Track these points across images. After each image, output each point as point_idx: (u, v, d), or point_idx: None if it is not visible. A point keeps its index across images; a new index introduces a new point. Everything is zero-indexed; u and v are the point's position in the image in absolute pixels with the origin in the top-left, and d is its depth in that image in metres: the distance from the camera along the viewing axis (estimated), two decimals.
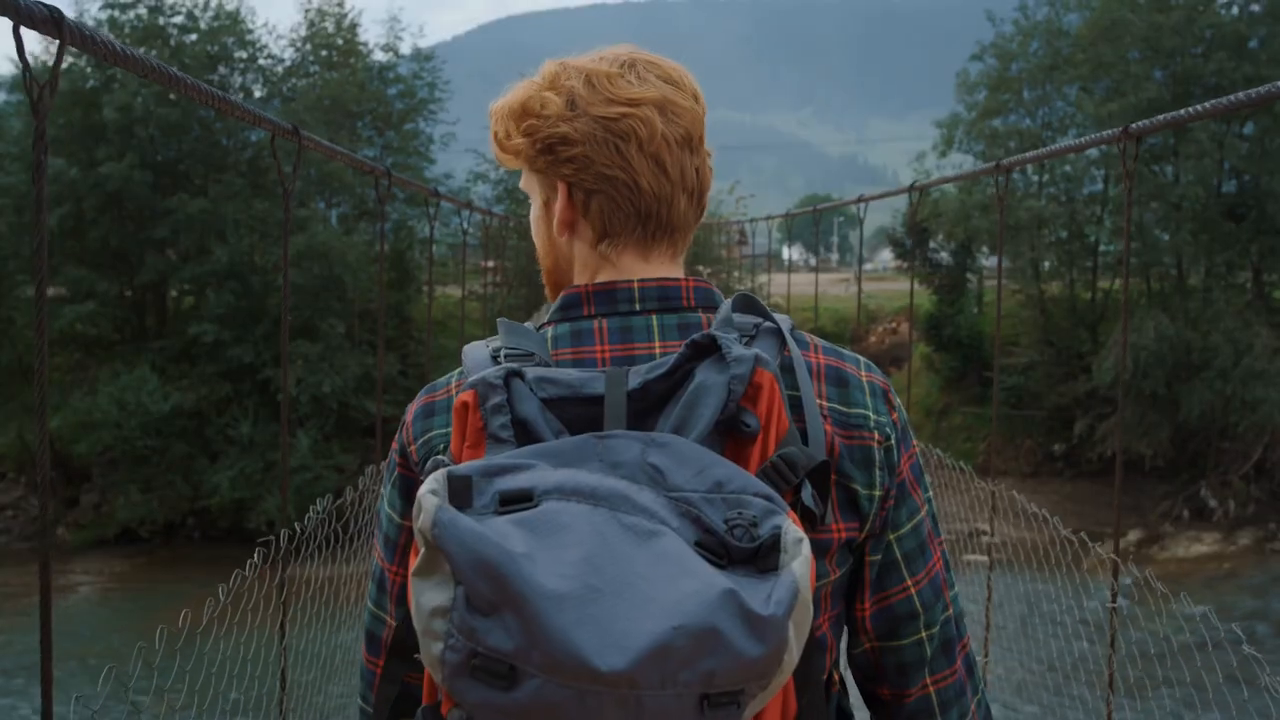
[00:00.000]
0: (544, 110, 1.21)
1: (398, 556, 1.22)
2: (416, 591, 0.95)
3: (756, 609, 0.92)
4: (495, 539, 0.92)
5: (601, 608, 0.90)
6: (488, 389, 1.06)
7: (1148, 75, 24.55)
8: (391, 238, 26.91)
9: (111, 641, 17.27)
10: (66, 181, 22.59)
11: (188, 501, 22.10)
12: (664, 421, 1.07)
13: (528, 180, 1.29)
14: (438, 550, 0.93)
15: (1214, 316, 22.72)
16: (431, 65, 28.71)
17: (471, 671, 0.91)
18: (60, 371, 24.25)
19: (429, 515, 0.93)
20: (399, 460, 1.24)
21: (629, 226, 1.23)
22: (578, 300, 1.23)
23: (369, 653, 1.26)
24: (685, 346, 1.10)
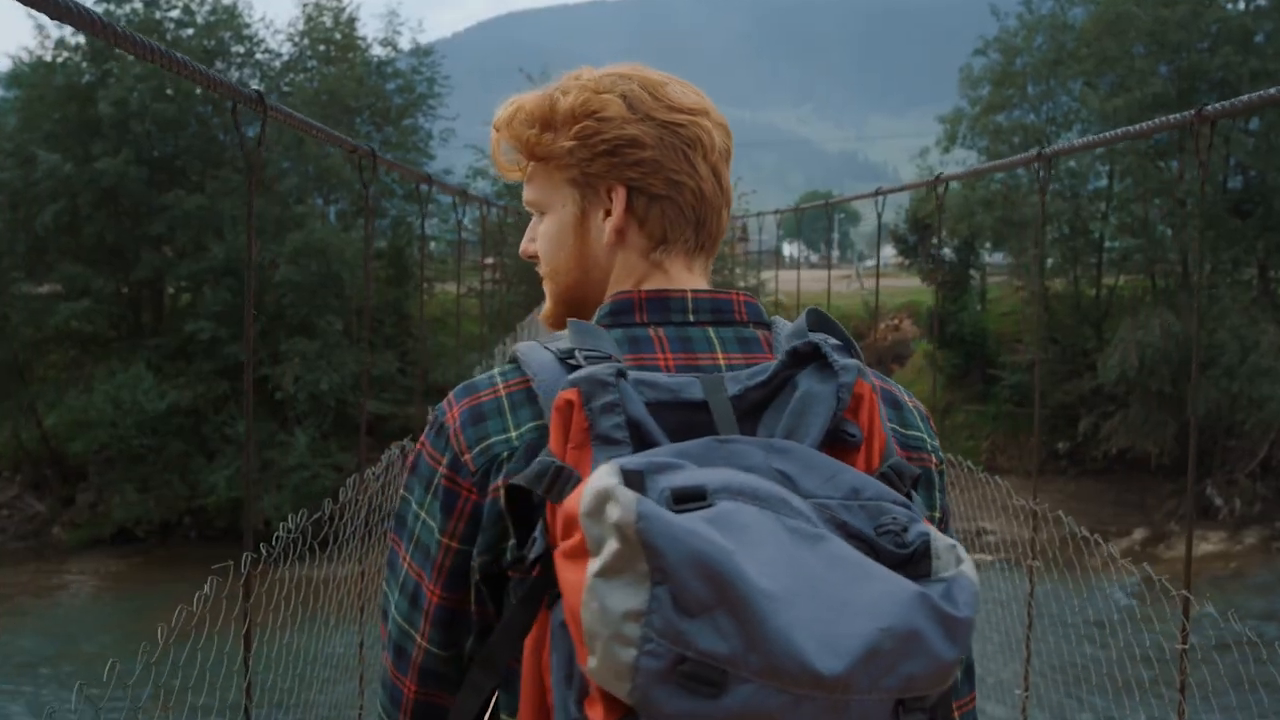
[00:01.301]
0: (605, 112, 1.19)
1: (438, 577, 1.14)
2: (599, 594, 0.87)
3: (951, 611, 0.90)
4: (708, 534, 0.87)
5: (808, 609, 0.87)
6: (596, 387, 1.01)
7: (1153, 70, 24.39)
8: (389, 234, 26.77)
9: (104, 642, 17.13)
10: (61, 177, 22.42)
11: (184, 501, 21.96)
12: (764, 429, 1.05)
13: (551, 189, 1.26)
14: (639, 547, 0.86)
15: (1220, 314, 22.55)
16: (430, 60, 28.57)
17: (678, 679, 0.85)
18: (56, 369, 24.13)
19: (628, 510, 0.87)
20: (445, 472, 1.14)
21: (684, 234, 1.23)
22: (630, 306, 1.20)
23: (397, 669, 1.19)
24: (786, 355, 1.08)
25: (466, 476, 1.12)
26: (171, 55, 1.98)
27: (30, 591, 19.56)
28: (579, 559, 0.90)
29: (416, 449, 1.18)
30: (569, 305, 1.29)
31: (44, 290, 23.87)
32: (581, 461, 1.00)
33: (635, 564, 0.86)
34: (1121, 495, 22.39)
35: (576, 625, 0.90)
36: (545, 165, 1.25)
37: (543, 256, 1.31)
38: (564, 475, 0.98)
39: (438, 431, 1.16)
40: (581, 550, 0.90)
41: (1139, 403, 22.55)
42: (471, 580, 1.12)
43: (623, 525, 0.87)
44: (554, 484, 0.98)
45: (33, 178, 22.65)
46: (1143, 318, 22.68)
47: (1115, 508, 21.90)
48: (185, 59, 2.11)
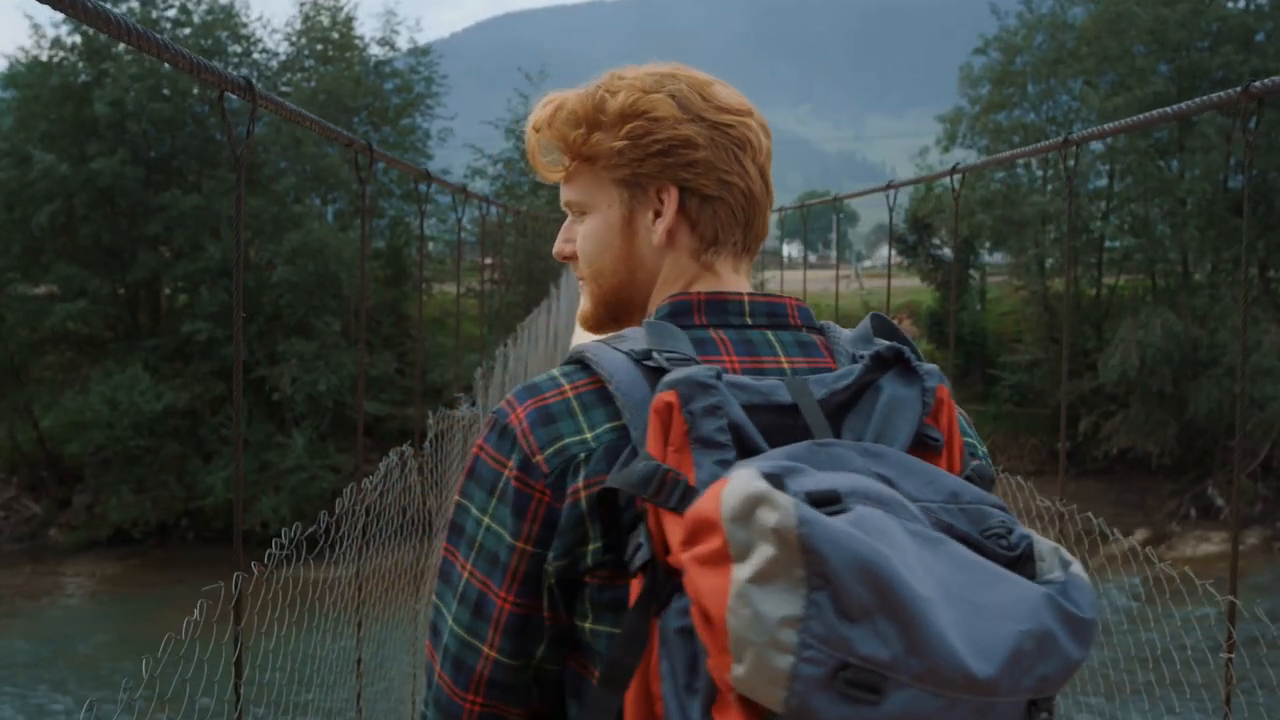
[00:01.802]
0: (656, 112, 1.18)
1: (511, 584, 1.10)
2: (752, 601, 0.86)
3: (1076, 612, 0.91)
4: (865, 539, 0.86)
5: (952, 612, 0.87)
6: (696, 390, 1.00)
7: (1153, 69, 24.33)
8: (387, 234, 26.69)
9: (99, 644, 17.04)
10: (57, 177, 22.33)
11: (181, 502, 21.87)
12: (848, 433, 1.05)
13: (596, 190, 1.24)
14: (799, 552, 0.85)
15: (1221, 313, 22.48)
16: (428, 60, 28.50)
17: (839, 685, 0.85)
18: (52, 370, 24.03)
19: (788, 514, 0.85)
20: (515, 474, 1.10)
21: (734, 235, 1.22)
22: (689, 308, 1.18)
23: (457, 684, 1.13)
24: (869, 359, 1.08)
25: (539, 478, 1.09)
26: (149, 35, 1.88)
27: (26, 594, 19.46)
28: (719, 565, 0.88)
29: (473, 454, 1.14)
30: (612, 307, 1.27)
31: (40, 291, 23.78)
32: (682, 465, 0.98)
33: (791, 569, 0.85)
34: (1122, 495, 22.32)
35: (714, 632, 0.88)
36: (591, 165, 1.23)
37: (584, 258, 1.27)
38: (672, 479, 0.96)
39: (500, 433, 1.12)
40: (723, 556, 0.88)
41: (1139, 402, 22.48)
42: (544, 585, 1.08)
43: (782, 530, 0.85)
44: (663, 488, 0.97)
45: (28, 178, 22.56)
46: (1143, 317, 22.61)
47: (1116, 508, 21.83)
48: (165, 40, 2.01)
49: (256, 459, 21.65)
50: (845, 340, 1.18)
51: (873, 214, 63.29)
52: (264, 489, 21.26)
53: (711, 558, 0.88)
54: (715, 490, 0.89)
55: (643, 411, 1.05)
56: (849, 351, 1.16)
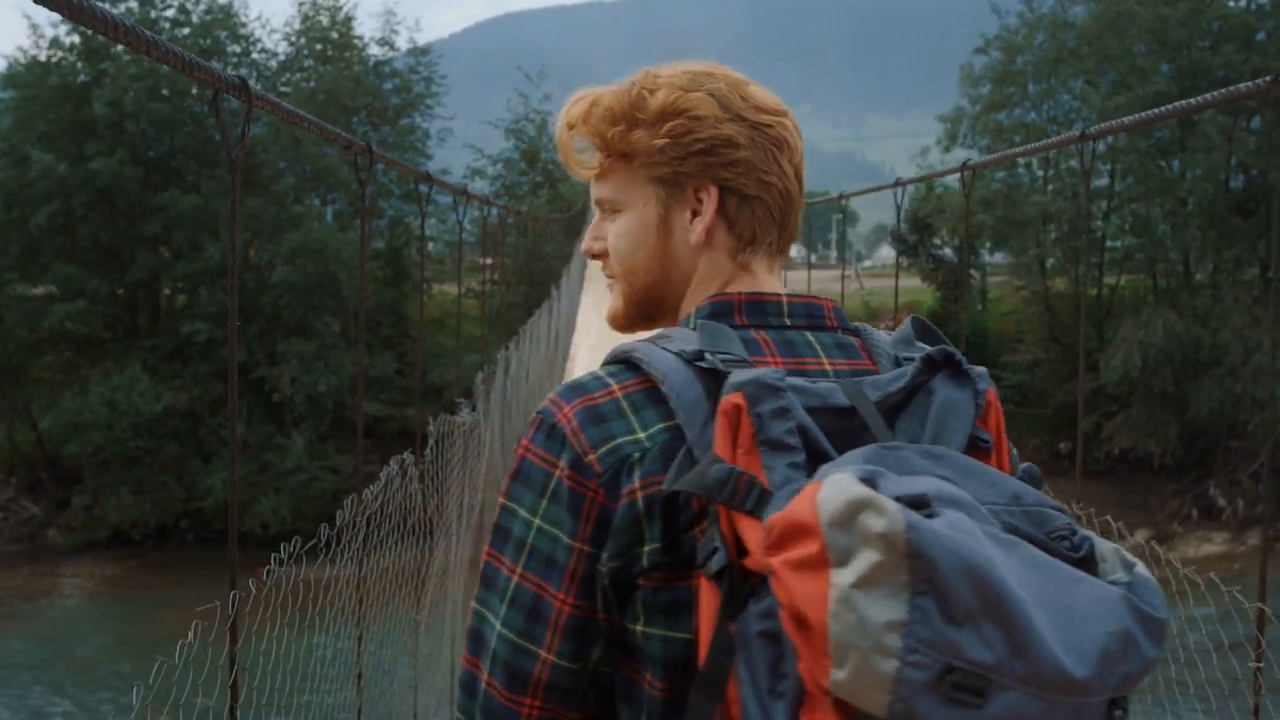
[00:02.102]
0: (697, 111, 1.18)
1: (570, 585, 1.08)
2: (857, 606, 0.86)
3: (1151, 612, 0.92)
4: (970, 543, 0.87)
5: (1046, 614, 0.88)
6: (764, 392, 0.99)
7: (1154, 68, 24.28)
8: (386, 234, 26.63)
9: (97, 646, 16.98)
10: (56, 177, 22.28)
11: (180, 503, 21.81)
12: (901, 435, 1.05)
13: (631, 188, 1.23)
14: (905, 557, 0.85)
15: (1223, 313, 22.42)
16: (428, 60, 28.45)
17: (945, 689, 0.85)
18: (51, 371, 23.98)
19: (895, 520, 0.85)
20: (567, 473, 1.08)
21: (770, 235, 1.22)
22: (730, 309, 1.18)
23: (510, 689, 1.10)
24: (921, 361, 1.09)
25: (592, 478, 1.07)
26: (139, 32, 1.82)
27: (24, 595, 19.40)
28: (816, 569, 0.88)
29: (517, 455, 1.12)
30: (644, 306, 1.26)
31: (39, 291, 23.73)
32: (751, 467, 0.97)
33: (896, 574, 0.85)
34: (1124, 496, 22.25)
35: (812, 636, 0.88)
36: (627, 163, 1.21)
37: (616, 256, 1.26)
38: (748, 482, 0.96)
39: (548, 433, 1.10)
40: (820, 560, 0.87)
41: (1141, 403, 22.42)
42: (598, 587, 1.07)
43: (890, 535, 0.85)
44: (738, 491, 0.96)
45: (27, 178, 22.51)
46: (1145, 317, 22.55)
47: (1117, 508, 21.70)
48: (158, 38, 1.95)
49: (256, 460, 21.59)
50: (884, 343, 1.19)
51: (873, 214, 63.21)
52: (264, 490, 21.22)
53: (807, 562, 0.88)
54: (809, 494, 0.89)
55: (697, 413, 1.05)
56: (890, 354, 1.16)
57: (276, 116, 2.74)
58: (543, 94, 29.52)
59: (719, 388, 1.04)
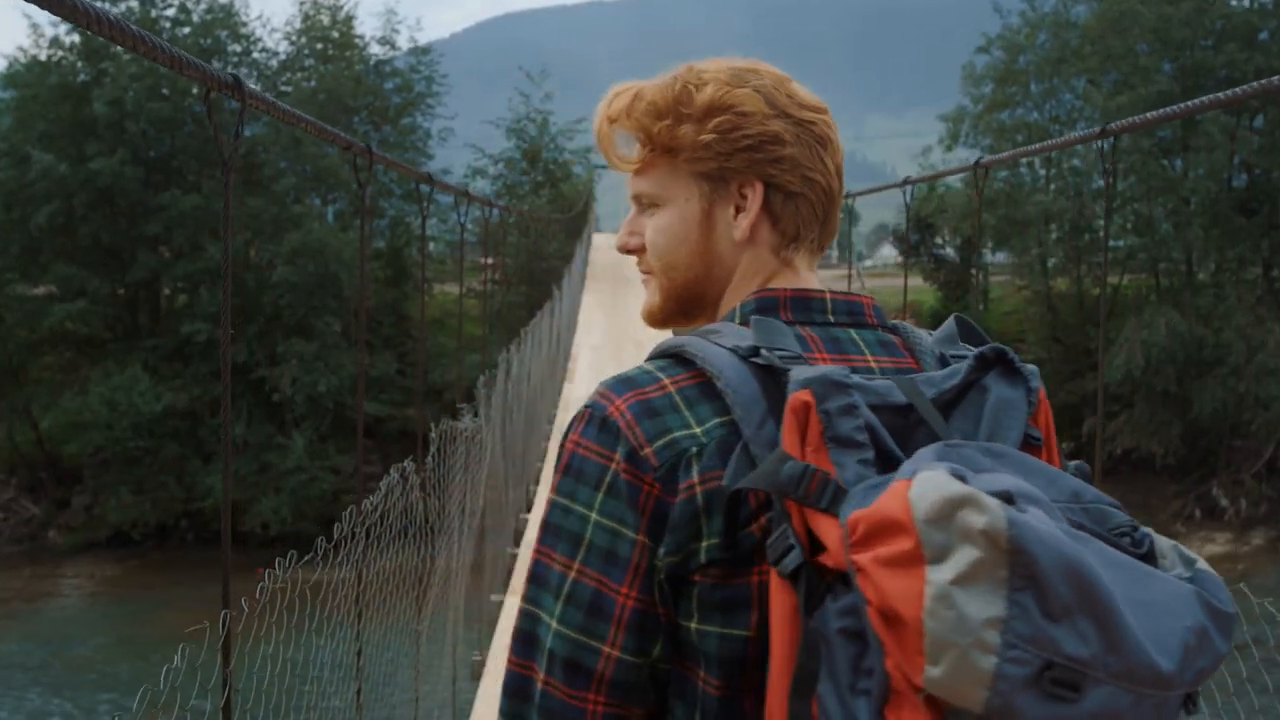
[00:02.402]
0: (744, 107, 1.18)
1: (634, 579, 1.06)
2: (956, 602, 0.86)
3: (1221, 607, 0.94)
4: (1067, 539, 0.88)
5: (1130, 609, 0.89)
6: (831, 389, 0.99)
7: (1157, 68, 24.21)
8: (387, 234, 26.57)
9: (96, 646, 16.94)
10: (56, 177, 22.22)
11: (180, 503, 21.76)
12: (955, 433, 1.05)
13: (673, 182, 1.22)
14: (1006, 554, 0.85)
15: (1226, 313, 22.35)
16: (428, 59, 28.40)
17: (1044, 684, 0.86)
18: (51, 371, 23.93)
19: (997, 517, 0.86)
20: (623, 466, 1.07)
21: (812, 232, 1.22)
22: (775, 304, 1.18)
23: (573, 686, 1.07)
24: (974, 359, 1.10)
25: (648, 471, 1.06)
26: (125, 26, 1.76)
27: (24, 596, 19.35)
28: (909, 566, 0.88)
29: (567, 450, 1.10)
30: (683, 302, 1.25)
31: (39, 291, 23.68)
32: (820, 464, 0.97)
33: (995, 570, 0.86)
34: (1126, 496, 22.10)
35: (906, 633, 0.87)
36: (670, 158, 1.21)
37: (656, 251, 1.25)
38: (823, 479, 0.96)
39: (601, 426, 1.09)
40: (914, 558, 0.87)
41: (1143, 402, 22.36)
42: (655, 581, 1.06)
43: (992, 532, 0.86)
44: (813, 489, 0.96)
45: (27, 178, 22.45)
46: (1147, 317, 22.48)
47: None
48: (149, 35, 1.89)
49: (256, 460, 21.55)
50: (926, 341, 1.19)
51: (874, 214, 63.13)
52: (264, 490, 21.17)
53: (900, 559, 0.88)
54: (899, 491, 0.89)
55: (753, 409, 1.04)
56: (935, 352, 1.16)
57: (272, 116, 2.68)
58: (544, 93, 29.49)
59: (775, 384, 1.04)
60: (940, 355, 1.16)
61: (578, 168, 30.72)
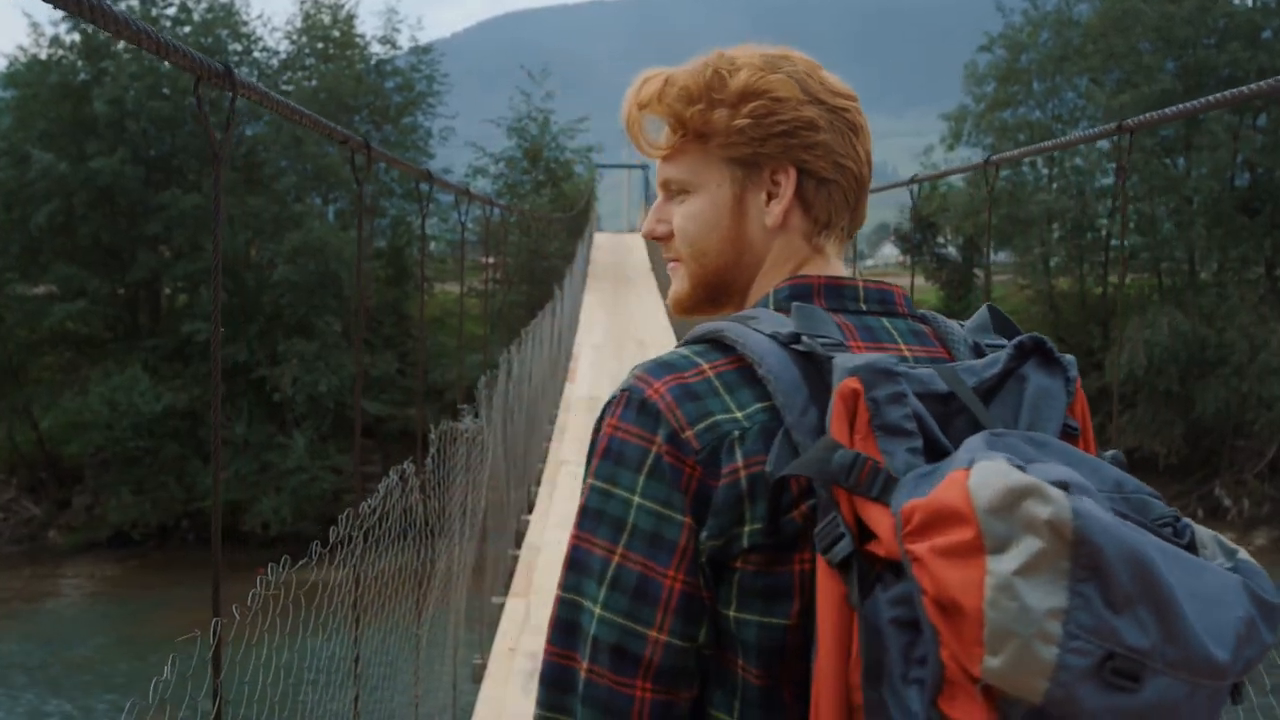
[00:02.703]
0: (779, 92, 1.18)
1: (681, 561, 1.05)
2: (1019, 593, 0.85)
3: (1268, 597, 0.94)
4: (1128, 529, 0.88)
5: (1185, 599, 0.89)
6: (880, 377, 0.99)
7: (1159, 66, 24.16)
8: (388, 234, 26.52)
9: (96, 646, 16.90)
10: (56, 176, 22.16)
11: (181, 504, 21.70)
12: (995, 422, 1.04)
13: (705, 168, 1.21)
14: (1070, 544, 0.86)
15: (1229, 312, 22.30)
16: (429, 58, 28.36)
17: (1105, 675, 0.86)
18: (51, 371, 23.87)
19: (1062, 507, 0.86)
20: (665, 448, 1.06)
21: (843, 219, 1.22)
22: (810, 292, 1.17)
23: (619, 672, 1.06)
24: (1013, 348, 1.09)
25: (690, 454, 1.05)
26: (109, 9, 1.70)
27: (24, 596, 19.30)
28: (968, 556, 0.87)
29: (605, 433, 1.08)
30: (713, 290, 1.25)
31: (39, 291, 23.62)
32: (868, 452, 0.97)
33: (1058, 561, 0.86)
34: None
35: (965, 624, 0.86)
36: (703, 144, 1.20)
37: (686, 238, 1.24)
38: (873, 467, 0.95)
39: (640, 409, 1.07)
40: (974, 548, 0.87)
41: (1146, 402, 22.31)
42: (699, 564, 1.05)
43: (1057, 523, 0.85)
44: (863, 477, 0.95)
45: (27, 177, 22.40)
46: (1150, 316, 22.43)
47: None
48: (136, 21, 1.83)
49: (257, 460, 21.50)
50: (957, 330, 1.18)
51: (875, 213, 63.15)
52: (264, 490, 21.12)
53: (959, 549, 0.87)
54: (957, 480, 0.88)
55: (795, 396, 1.03)
56: (969, 341, 1.15)
57: (266, 108, 2.61)
58: (545, 92, 29.45)
59: (816, 372, 1.04)
60: (975, 344, 1.15)
61: (579, 167, 30.69)
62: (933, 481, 0.91)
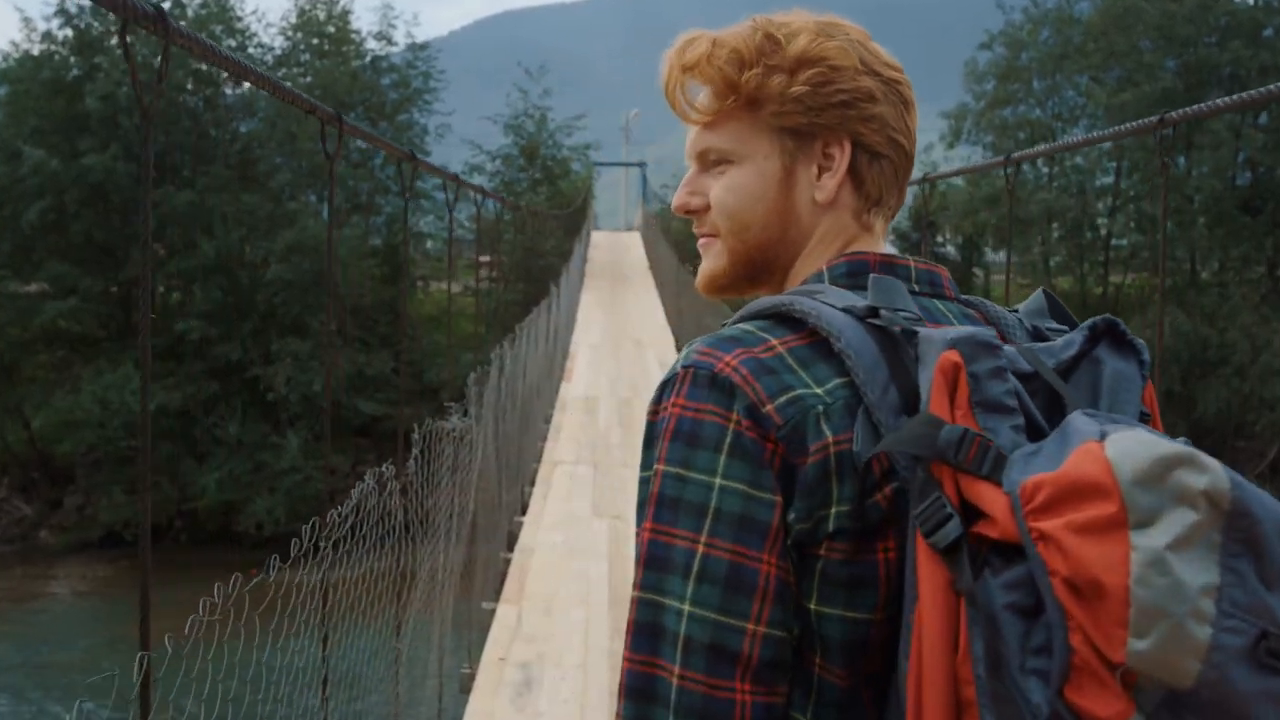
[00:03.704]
0: (838, 61, 1.12)
1: (773, 544, 0.98)
2: (1173, 568, 0.81)
3: None
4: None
5: None
6: (980, 350, 0.94)
7: (1160, 65, 24.02)
8: (384, 231, 26.37)
9: (88, 647, 16.74)
10: (47, 173, 21.98)
11: (174, 504, 21.52)
12: (1070, 404, 0.98)
13: (753, 137, 1.14)
14: (1226, 515, 0.82)
15: (1230, 312, 22.17)
16: (425, 55, 28.22)
17: (1260, 654, 0.82)
18: (43, 369, 23.71)
19: (1219, 477, 0.82)
20: (745, 423, 0.98)
21: (892, 196, 1.17)
22: (867, 269, 1.12)
23: (718, 676, 0.97)
24: (1086, 330, 1.04)
25: (772, 428, 0.98)
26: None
27: (14, 597, 19.11)
28: (1110, 531, 0.82)
29: (670, 413, 1.00)
30: (754, 266, 1.18)
31: (31, 289, 23.45)
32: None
33: (1210, 534, 0.82)
34: None
35: (1106, 604, 0.81)
36: (753, 111, 1.13)
37: (725, 212, 1.16)
38: (983, 443, 0.90)
39: (710, 384, 1.00)
40: (1117, 522, 0.82)
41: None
42: (787, 547, 0.98)
43: (1214, 493, 0.82)
44: (973, 454, 0.90)
45: (18, 174, 22.23)
46: (1151, 316, 22.28)
47: None
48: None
49: (250, 460, 21.34)
50: (1006, 315, 1.12)
51: None
52: (258, 490, 20.95)
53: (1099, 525, 0.83)
54: (1091, 453, 0.84)
55: (876, 373, 0.98)
56: (1026, 325, 1.10)
57: (207, 61, 2.40)
58: (542, 89, 29.31)
59: (895, 349, 0.99)
60: (1033, 328, 1.10)
61: (576, 164, 30.55)
62: (1051, 456, 0.86)
